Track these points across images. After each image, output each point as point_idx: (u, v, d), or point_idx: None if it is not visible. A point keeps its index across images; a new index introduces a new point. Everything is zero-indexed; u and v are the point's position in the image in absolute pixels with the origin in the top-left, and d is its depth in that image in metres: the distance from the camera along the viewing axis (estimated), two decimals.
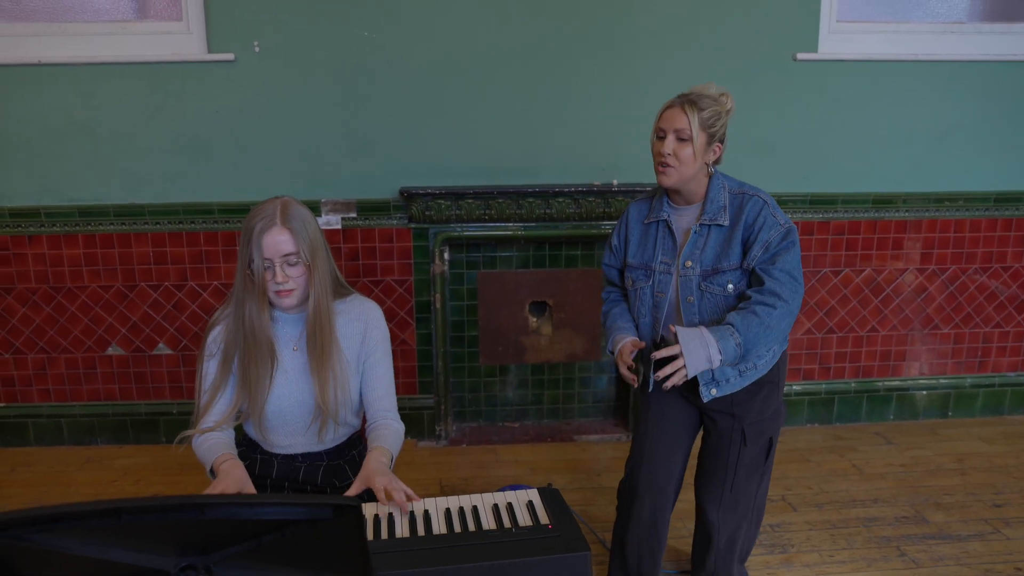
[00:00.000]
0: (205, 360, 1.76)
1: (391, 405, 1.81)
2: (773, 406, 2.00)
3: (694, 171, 1.86)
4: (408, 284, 3.27)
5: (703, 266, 1.88)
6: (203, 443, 1.71)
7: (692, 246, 1.89)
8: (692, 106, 1.82)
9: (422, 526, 1.47)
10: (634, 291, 2.01)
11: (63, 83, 3.01)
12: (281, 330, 1.78)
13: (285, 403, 1.76)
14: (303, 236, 1.65)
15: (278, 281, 1.64)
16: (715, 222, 1.87)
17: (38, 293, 3.20)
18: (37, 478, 3.10)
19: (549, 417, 3.54)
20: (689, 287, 1.90)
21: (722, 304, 1.88)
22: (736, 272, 1.86)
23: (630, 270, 2.02)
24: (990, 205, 3.42)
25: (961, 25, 3.37)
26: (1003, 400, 3.62)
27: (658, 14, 3.12)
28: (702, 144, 1.83)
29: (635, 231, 2.03)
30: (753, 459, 2.00)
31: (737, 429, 1.97)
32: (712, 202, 1.89)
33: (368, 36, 3.03)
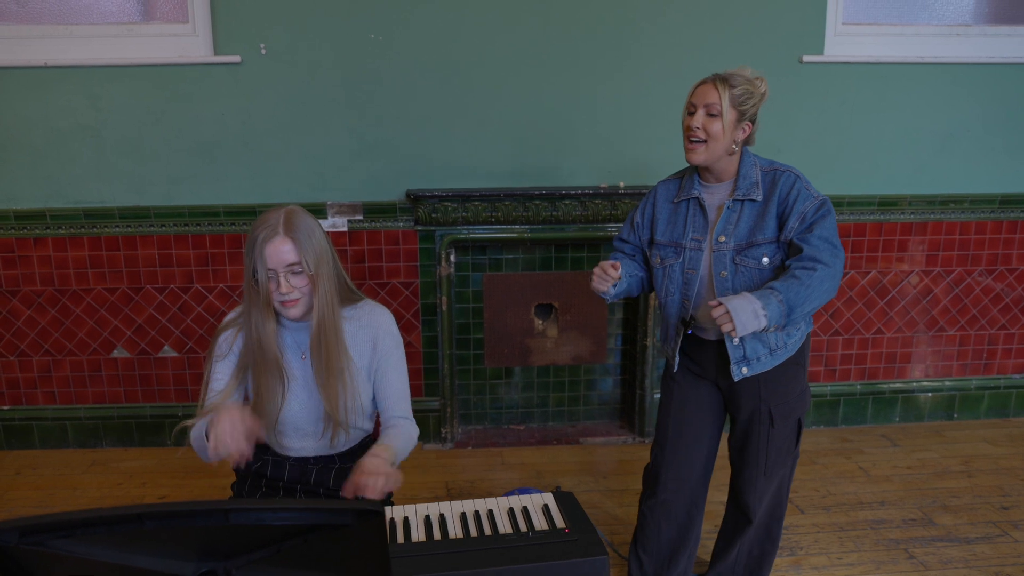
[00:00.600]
0: (214, 360, 1.75)
1: (405, 409, 1.80)
2: (799, 387, 2.00)
3: (723, 148, 1.86)
4: (414, 286, 3.27)
5: (737, 240, 1.88)
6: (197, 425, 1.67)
7: (725, 221, 1.89)
8: (724, 83, 1.84)
9: (438, 530, 1.47)
10: (662, 268, 2.00)
11: (69, 85, 3.01)
12: (290, 338, 1.77)
13: (296, 411, 1.76)
14: (307, 246, 1.63)
15: (282, 291, 1.63)
16: (748, 197, 1.88)
17: (43, 295, 3.20)
18: (43, 481, 3.10)
19: (555, 420, 3.54)
20: (723, 262, 1.89)
21: (756, 278, 1.87)
22: (771, 245, 1.86)
23: (658, 248, 2.02)
24: (995, 207, 3.42)
25: (967, 28, 3.37)
26: (1008, 402, 3.62)
27: (665, 17, 3.12)
28: (732, 120, 1.84)
29: (663, 210, 2.03)
30: (784, 442, 2.00)
31: (764, 411, 1.97)
32: (744, 178, 1.90)
33: (375, 39, 3.03)
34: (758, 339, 1.91)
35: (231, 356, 1.76)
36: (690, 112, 1.89)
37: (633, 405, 3.44)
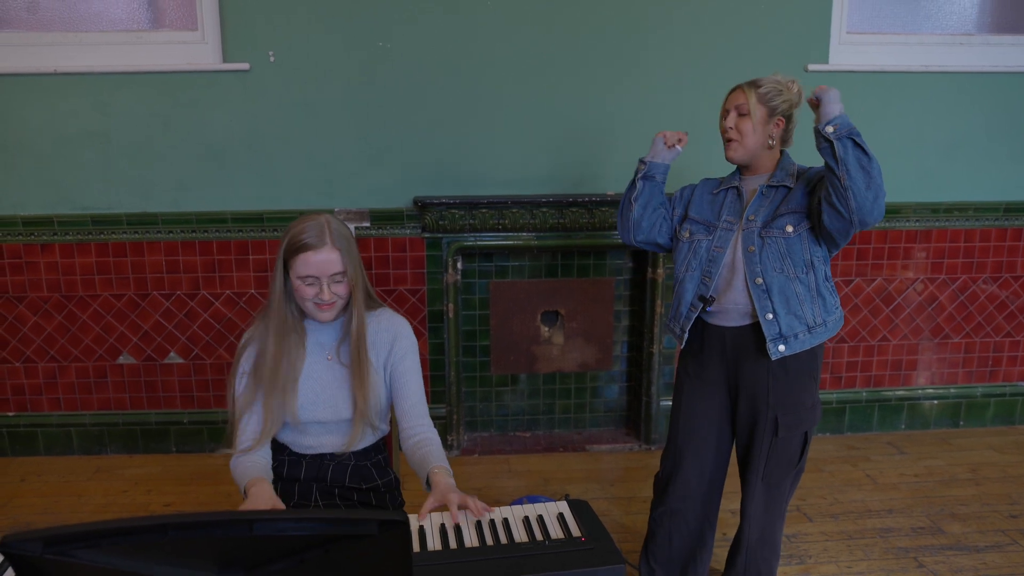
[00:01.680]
0: (238, 378, 1.78)
1: (424, 413, 1.83)
2: (810, 399, 1.99)
3: (757, 143, 1.96)
4: (421, 294, 3.27)
5: (765, 217, 1.95)
6: (238, 465, 1.73)
7: (757, 204, 1.98)
8: (751, 85, 1.97)
9: (454, 539, 1.47)
10: (689, 243, 2.05)
11: (78, 92, 3.01)
12: (314, 339, 1.80)
13: (320, 410, 1.78)
14: (350, 255, 1.69)
15: (324, 298, 1.68)
16: (783, 183, 1.97)
17: (50, 302, 3.20)
18: (48, 488, 3.09)
19: (561, 427, 3.54)
20: (751, 238, 1.95)
21: (783, 247, 1.91)
22: (796, 215, 1.91)
23: (690, 222, 2.07)
24: (999, 215, 3.43)
25: (970, 37, 3.39)
26: (1014, 409, 3.62)
27: (671, 26, 3.13)
28: (761, 117, 1.95)
29: (702, 195, 2.11)
30: (787, 453, 1.99)
31: (771, 419, 1.96)
32: (782, 169, 2.00)
33: (382, 46, 3.04)
34: (792, 315, 1.91)
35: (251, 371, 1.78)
36: (723, 117, 2.01)
37: (639, 412, 3.44)
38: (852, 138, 1.81)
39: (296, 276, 1.68)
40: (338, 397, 1.78)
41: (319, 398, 1.78)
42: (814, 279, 1.92)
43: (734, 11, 3.14)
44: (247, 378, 1.77)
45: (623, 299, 3.40)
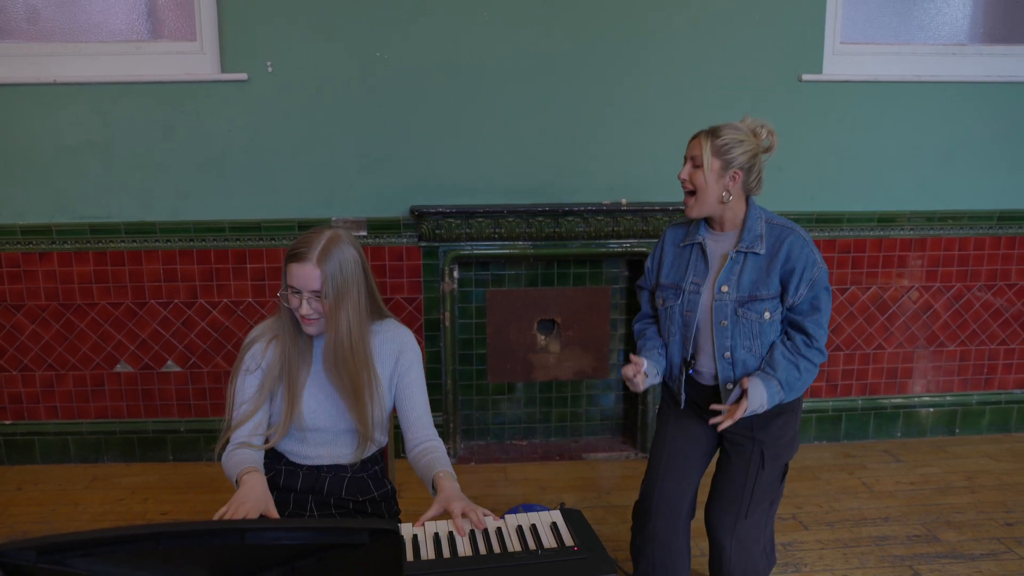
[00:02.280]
0: (241, 375, 1.79)
1: (430, 424, 1.84)
2: (791, 432, 2.03)
3: (712, 198, 1.90)
4: (417, 302, 3.28)
5: (740, 292, 1.91)
6: (231, 457, 1.73)
7: (728, 272, 1.93)
8: (709, 134, 1.90)
9: (447, 548, 1.48)
10: (664, 310, 2.04)
11: (78, 102, 3.03)
12: (320, 347, 1.82)
13: (322, 419, 1.80)
14: (333, 277, 1.67)
15: (302, 312, 1.69)
16: (752, 250, 1.91)
17: (48, 310, 3.21)
18: (44, 496, 3.09)
19: (557, 435, 3.55)
20: (724, 311, 1.92)
21: (756, 330, 1.92)
22: (773, 301, 1.91)
23: (661, 290, 2.05)
24: (994, 223, 3.45)
25: (963, 47, 3.42)
26: (1009, 417, 3.63)
27: (667, 36, 3.16)
28: (715, 170, 1.88)
29: (669, 253, 2.07)
30: (769, 484, 2.01)
31: (757, 451, 1.98)
32: (749, 231, 1.93)
33: (380, 56, 3.06)
34: None
35: (259, 372, 1.79)
36: (684, 165, 1.96)
37: (635, 421, 3.45)
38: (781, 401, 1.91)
39: (287, 283, 1.71)
40: (340, 408, 1.79)
41: (320, 406, 1.79)
42: None
43: (729, 21, 3.17)
44: (260, 376, 1.78)
45: (619, 307, 3.42)
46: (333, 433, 1.81)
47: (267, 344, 1.79)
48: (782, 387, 1.88)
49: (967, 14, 3.45)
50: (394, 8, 3.03)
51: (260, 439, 1.78)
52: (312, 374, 1.79)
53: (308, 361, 1.79)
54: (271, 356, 1.78)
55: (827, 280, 1.92)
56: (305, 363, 1.78)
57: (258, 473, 1.68)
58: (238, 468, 1.69)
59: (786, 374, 1.88)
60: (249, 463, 1.70)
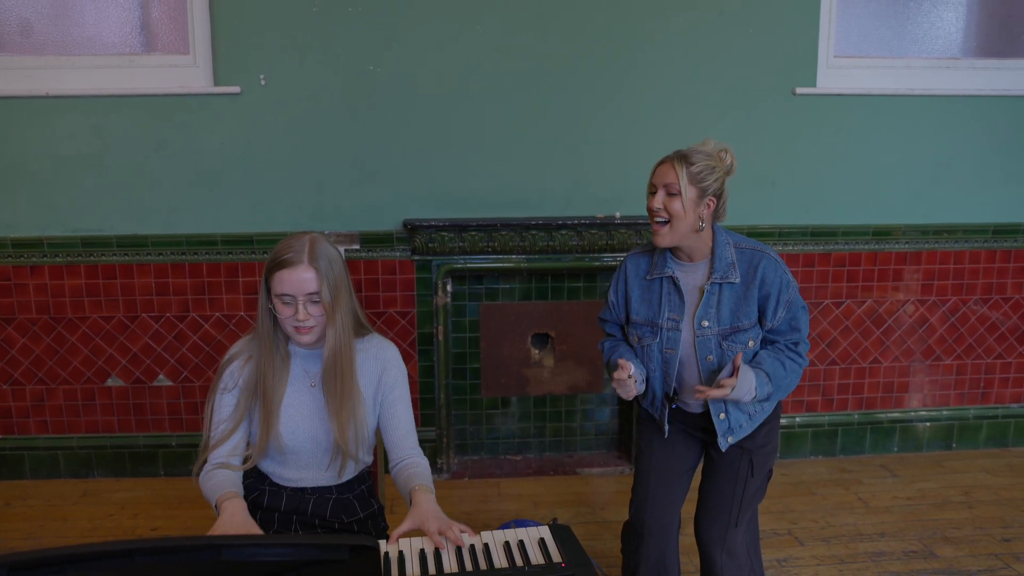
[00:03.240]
0: (219, 393, 1.75)
1: (414, 443, 1.80)
2: (775, 439, 2.03)
3: (687, 227, 1.85)
4: (411, 316, 3.27)
5: (721, 325, 1.88)
6: (209, 479, 1.69)
7: (706, 305, 1.89)
8: (682, 161, 1.84)
9: (433, 565, 1.45)
10: (641, 348, 1.99)
11: (72, 115, 3.03)
12: (299, 366, 1.77)
13: (300, 440, 1.75)
14: (328, 276, 1.65)
15: (299, 318, 1.65)
16: (727, 280, 1.88)
17: (39, 324, 3.19)
18: (33, 512, 3.06)
19: (552, 450, 3.52)
20: (708, 347, 1.89)
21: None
22: (755, 328, 1.90)
23: (634, 327, 2.00)
24: (989, 237, 3.44)
25: (956, 61, 3.42)
26: (1007, 432, 3.61)
27: (660, 49, 3.16)
28: (692, 198, 1.83)
29: (636, 287, 2.00)
30: (756, 491, 2.01)
31: (746, 459, 1.97)
32: (720, 259, 1.89)
33: (372, 70, 3.07)
34: (739, 408, 1.94)
35: (236, 391, 1.75)
36: (651, 192, 1.89)
37: (630, 435, 3.42)
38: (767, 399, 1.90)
39: (274, 295, 1.66)
40: (319, 428, 1.74)
41: (299, 427, 1.74)
42: None
43: (722, 34, 3.17)
44: (237, 394, 1.74)
45: None
46: (314, 454, 1.76)
47: (244, 362, 1.75)
48: (770, 379, 1.85)
49: (960, 28, 3.47)
50: (387, 21, 3.04)
51: (238, 460, 1.73)
52: (289, 393, 1.75)
53: (285, 379, 1.74)
54: (247, 375, 1.74)
55: (800, 298, 1.92)
56: (282, 381, 1.74)
57: (238, 499, 1.64)
58: (217, 492, 1.65)
59: (772, 368, 1.86)
60: (228, 488, 1.66)
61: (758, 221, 3.32)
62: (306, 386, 1.77)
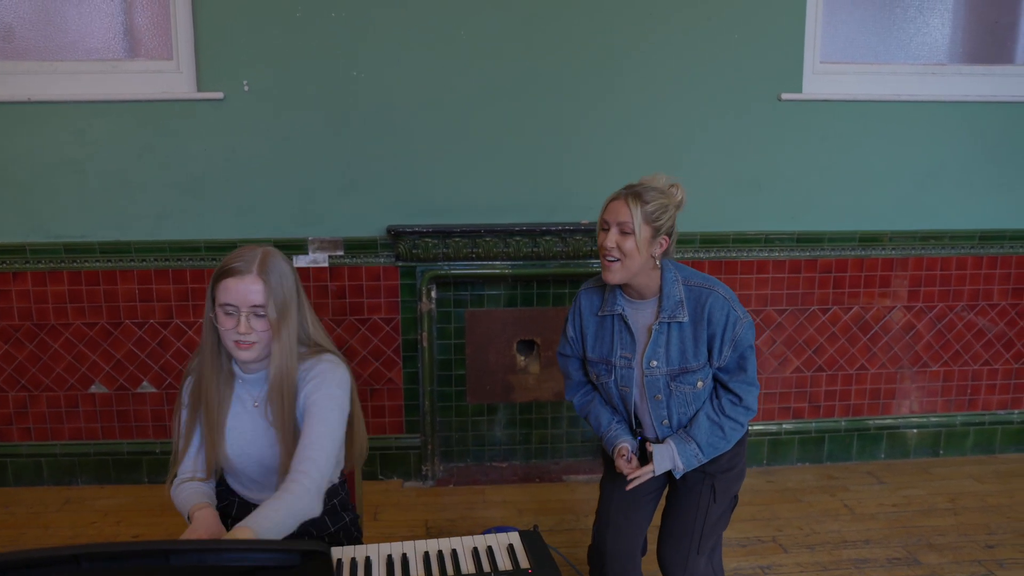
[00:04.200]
0: (182, 408, 1.71)
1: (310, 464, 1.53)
2: (740, 463, 2.01)
3: (639, 265, 1.82)
4: (395, 322, 3.26)
5: (670, 365, 1.87)
6: (180, 492, 1.66)
7: (655, 345, 1.87)
8: (636, 199, 1.79)
9: (400, 570, 1.44)
10: (600, 385, 1.99)
11: (54, 121, 3.02)
12: (242, 386, 1.71)
13: (245, 461, 1.70)
14: (276, 292, 1.58)
15: (240, 331, 1.56)
16: (675, 319, 1.85)
17: (21, 330, 3.17)
18: (15, 520, 3.04)
19: (537, 457, 3.50)
20: (656, 386, 1.89)
21: (691, 399, 1.90)
22: (704, 369, 1.88)
23: (591, 364, 1.99)
24: (975, 243, 3.44)
25: (942, 67, 3.43)
26: (994, 438, 3.59)
27: (645, 55, 3.16)
28: (646, 238, 1.80)
29: (590, 323, 1.98)
30: (720, 517, 1.99)
31: (708, 485, 1.95)
32: (668, 297, 1.86)
33: (356, 76, 3.06)
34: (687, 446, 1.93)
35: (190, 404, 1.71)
36: (603, 228, 1.84)
37: None
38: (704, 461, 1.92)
39: (218, 304, 1.58)
40: (264, 451, 1.67)
41: (243, 450, 1.68)
42: None
43: (708, 40, 3.17)
44: (188, 410, 1.70)
45: None
46: (263, 475, 1.69)
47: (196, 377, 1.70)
48: (701, 450, 1.89)
49: (947, 34, 3.47)
50: (370, 28, 3.04)
51: (203, 473, 1.69)
52: (233, 413, 1.67)
53: (229, 397, 1.67)
54: (191, 392, 1.68)
55: (751, 337, 1.87)
56: (226, 399, 1.66)
57: (209, 508, 1.60)
58: (189, 504, 1.62)
59: (708, 436, 1.89)
60: (200, 498, 1.63)
61: (744, 227, 3.32)
62: (249, 407, 1.69)
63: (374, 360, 3.29)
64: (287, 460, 1.60)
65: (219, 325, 1.59)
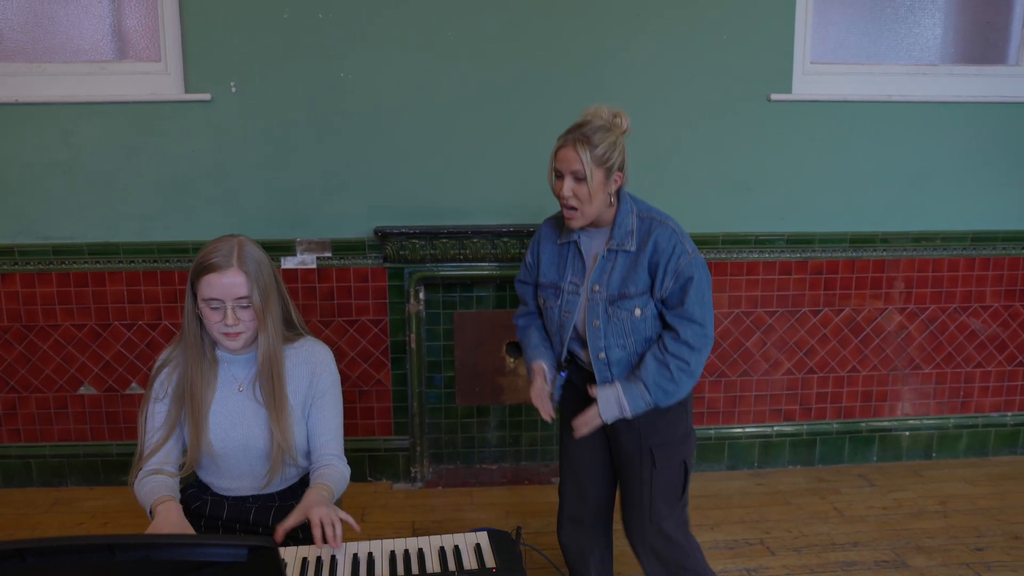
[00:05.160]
0: (151, 403, 1.73)
1: (337, 449, 1.76)
2: (683, 428, 1.99)
3: (598, 208, 1.84)
4: (383, 324, 3.25)
5: (610, 290, 1.87)
6: (144, 485, 1.67)
7: (600, 271, 1.89)
8: (584, 143, 1.79)
9: (364, 570, 1.43)
10: (546, 310, 2.01)
11: (42, 123, 3.03)
12: (226, 371, 1.75)
13: (230, 447, 1.72)
14: (258, 280, 1.63)
15: (228, 323, 1.62)
16: (622, 248, 1.87)
17: (10, 332, 3.18)
18: (3, 520, 3.04)
19: (527, 459, 3.49)
20: (596, 311, 1.88)
21: (628, 327, 1.87)
22: (643, 297, 1.86)
23: (541, 289, 2.01)
24: (967, 244, 3.42)
25: (934, 67, 3.41)
26: (987, 441, 3.57)
27: (632, 54, 3.15)
28: (600, 181, 1.81)
29: (547, 250, 2.01)
30: (669, 484, 1.97)
31: (646, 449, 1.95)
32: (620, 227, 1.88)
33: (344, 77, 3.07)
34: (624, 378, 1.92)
35: (167, 399, 1.73)
36: (557, 177, 1.86)
37: None
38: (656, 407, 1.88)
39: (201, 299, 1.63)
40: (250, 433, 1.72)
41: (228, 435, 1.72)
42: None
43: (696, 40, 3.16)
44: (168, 403, 1.72)
45: None
46: (246, 461, 1.74)
47: (172, 370, 1.73)
48: (647, 389, 1.83)
49: (938, 34, 3.46)
50: (357, 29, 3.04)
51: (173, 467, 1.72)
52: (217, 399, 1.72)
53: (213, 385, 1.72)
54: (175, 382, 1.72)
55: (697, 273, 1.83)
56: (209, 387, 1.71)
57: (173, 502, 1.62)
58: (151, 497, 1.63)
59: (654, 376, 1.84)
60: (163, 492, 1.64)
61: (733, 228, 3.31)
62: (233, 391, 1.74)
63: (362, 361, 3.29)
64: (281, 438, 1.68)
65: (206, 319, 1.64)
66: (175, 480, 1.72)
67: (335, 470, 1.71)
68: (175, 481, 1.72)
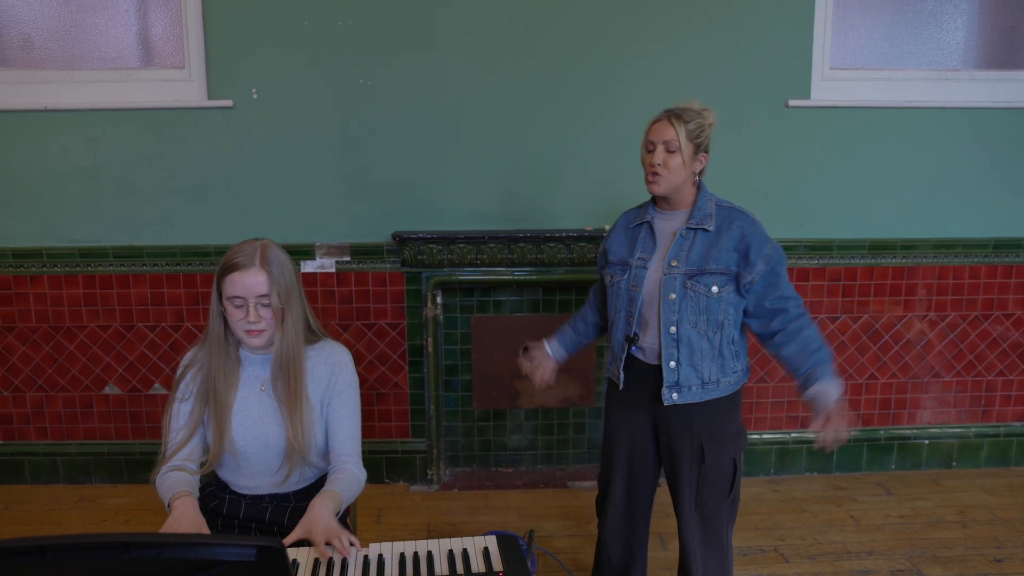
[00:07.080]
0: (177, 402, 1.78)
1: (353, 450, 1.80)
2: (734, 426, 2.02)
3: (682, 179, 1.96)
4: (401, 327, 3.29)
5: (689, 265, 1.94)
6: (164, 481, 1.72)
7: (678, 247, 1.96)
8: (678, 119, 1.95)
9: (375, 571, 1.46)
10: (612, 286, 2.08)
11: (68, 129, 3.11)
12: (249, 370, 1.80)
13: (251, 444, 1.77)
14: (280, 280, 1.69)
15: (250, 320, 1.68)
16: (701, 227, 1.96)
17: (38, 332, 3.26)
18: (30, 516, 3.12)
19: (543, 463, 3.51)
20: (672, 285, 1.94)
21: (703, 305, 1.93)
22: (723, 276, 1.93)
23: (610, 267, 2.10)
24: (989, 251, 3.38)
25: (956, 72, 3.38)
26: (1009, 450, 3.52)
27: (650, 61, 3.16)
28: (689, 154, 1.95)
29: (621, 234, 2.13)
30: (719, 480, 2.00)
31: (696, 446, 1.98)
32: (700, 209, 1.98)
33: (363, 83, 3.11)
34: (692, 367, 1.95)
35: (191, 399, 1.78)
36: (649, 150, 1.99)
37: None
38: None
39: (225, 297, 1.69)
40: (269, 431, 1.77)
41: (249, 432, 1.76)
42: (720, 339, 1.96)
43: (714, 46, 3.17)
44: (192, 402, 1.77)
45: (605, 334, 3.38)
46: (264, 459, 1.78)
47: (197, 372, 1.78)
48: (821, 346, 1.92)
49: (960, 39, 3.42)
50: (377, 36, 3.08)
51: (195, 465, 1.77)
52: (240, 397, 1.77)
53: (235, 384, 1.77)
54: (200, 382, 1.77)
55: (783, 257, 1.95)
56: (232, 386, 1.76)
57: (190, 497, 1.66)
58: (170, 492, 1.68)
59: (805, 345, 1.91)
60: (181, 487, 1.69)
61: None
62: (256, 390, 1.79)
63: (380, 365, 3.32)
64: (292, 434, 1.73)
65: (229, 317, 1.70)
66: (195, 477, 1.77)
67: (349, 475, 1.75)
68: (195, 478, 1.77)
